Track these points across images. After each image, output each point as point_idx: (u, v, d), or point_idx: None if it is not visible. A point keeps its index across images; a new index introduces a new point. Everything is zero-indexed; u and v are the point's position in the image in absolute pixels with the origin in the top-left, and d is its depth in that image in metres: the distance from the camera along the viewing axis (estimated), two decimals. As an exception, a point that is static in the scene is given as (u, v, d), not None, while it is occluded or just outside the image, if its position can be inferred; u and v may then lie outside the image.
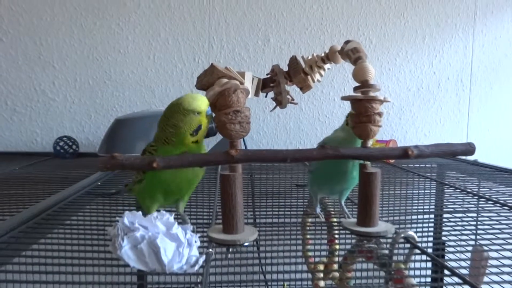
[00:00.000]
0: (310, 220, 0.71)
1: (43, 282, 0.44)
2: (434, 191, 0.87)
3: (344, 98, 0.57)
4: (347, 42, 0.57)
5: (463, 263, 0.48)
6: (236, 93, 0.52)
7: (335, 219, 0.67)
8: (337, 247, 0.62)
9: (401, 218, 0.69)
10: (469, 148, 0.56)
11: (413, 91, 1.49)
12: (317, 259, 0.67)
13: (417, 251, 0.51)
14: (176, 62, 1.41)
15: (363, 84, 0.54)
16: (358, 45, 0.56)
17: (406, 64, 1.48)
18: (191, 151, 0.53)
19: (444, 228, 0.64)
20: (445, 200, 0.79)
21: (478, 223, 0.63)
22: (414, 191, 0.87)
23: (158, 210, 0.50)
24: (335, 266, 0.67)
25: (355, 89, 0.55)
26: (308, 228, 0.66)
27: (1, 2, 1.33)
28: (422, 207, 0.77)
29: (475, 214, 0.69)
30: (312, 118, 1.47)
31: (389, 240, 0.54)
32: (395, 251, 0.52)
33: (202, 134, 0.55)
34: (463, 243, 0.55)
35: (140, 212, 0.46)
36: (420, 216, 0.70)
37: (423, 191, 0.87)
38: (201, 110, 0.53)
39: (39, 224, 0.60)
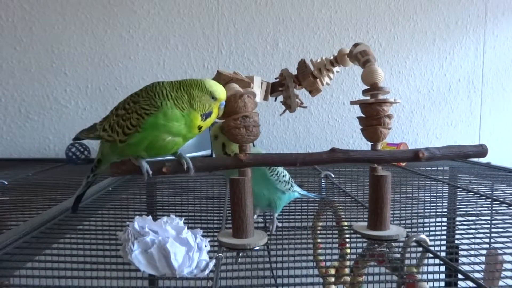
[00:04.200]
0: (320, 224, 0.70)
1: (55, 287, 0.44)
2: (447, 194, 0.86)
3: (353, 103, 0.57)
4: (355, 45, 0.57)
5: (477, 267, 0.47)
6: (243, 99, 0.52)
7: (345, 223, 0.66)
8: (348, 251, 0.61)
9: (413, 221, 0.69)
10: (482, 150, 0.55)
11: (423, 93, 1.48)
12: (328, 263, 0.67)
13: (430, 255, 0.50)
14: (186, 68, 1.42)
15: (372, 87, 0.54)
16: (367, 48, 0.56)
17: (416, 66, 1.47)
18: (188, 135, 0.51)
19: (457, 232, 0.63)
20: (457, 203, 0.78)
21: (492, 226, 0.62)
22: (426, 194, 0.86)
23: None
24: (347, 270, 0.66)
25: (364, 91, 0.55)
26: (318, 232, 0.65)
27: (14, 12, 1.36)
28: (434, 210, 0.76)
29: (488, 217, 0.68)
30: (321, 122, 1.46)
31: (401, 244, 0.54)
32: (407, 255, 0.52)
33: (207, 124, 0.52)
34: (476, 246, 0.54)
35: (150, 217, 0.47)
36: (432, 220, 0.69)
37: (435, 194, 0.86)
38: (218, 97, 0.51)
39: (52, 230, 0.61)
